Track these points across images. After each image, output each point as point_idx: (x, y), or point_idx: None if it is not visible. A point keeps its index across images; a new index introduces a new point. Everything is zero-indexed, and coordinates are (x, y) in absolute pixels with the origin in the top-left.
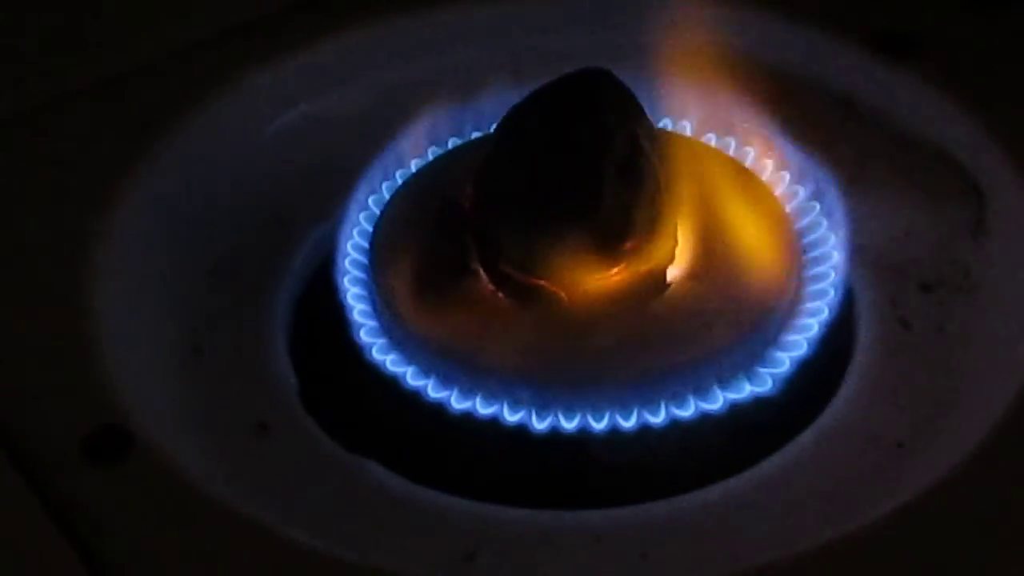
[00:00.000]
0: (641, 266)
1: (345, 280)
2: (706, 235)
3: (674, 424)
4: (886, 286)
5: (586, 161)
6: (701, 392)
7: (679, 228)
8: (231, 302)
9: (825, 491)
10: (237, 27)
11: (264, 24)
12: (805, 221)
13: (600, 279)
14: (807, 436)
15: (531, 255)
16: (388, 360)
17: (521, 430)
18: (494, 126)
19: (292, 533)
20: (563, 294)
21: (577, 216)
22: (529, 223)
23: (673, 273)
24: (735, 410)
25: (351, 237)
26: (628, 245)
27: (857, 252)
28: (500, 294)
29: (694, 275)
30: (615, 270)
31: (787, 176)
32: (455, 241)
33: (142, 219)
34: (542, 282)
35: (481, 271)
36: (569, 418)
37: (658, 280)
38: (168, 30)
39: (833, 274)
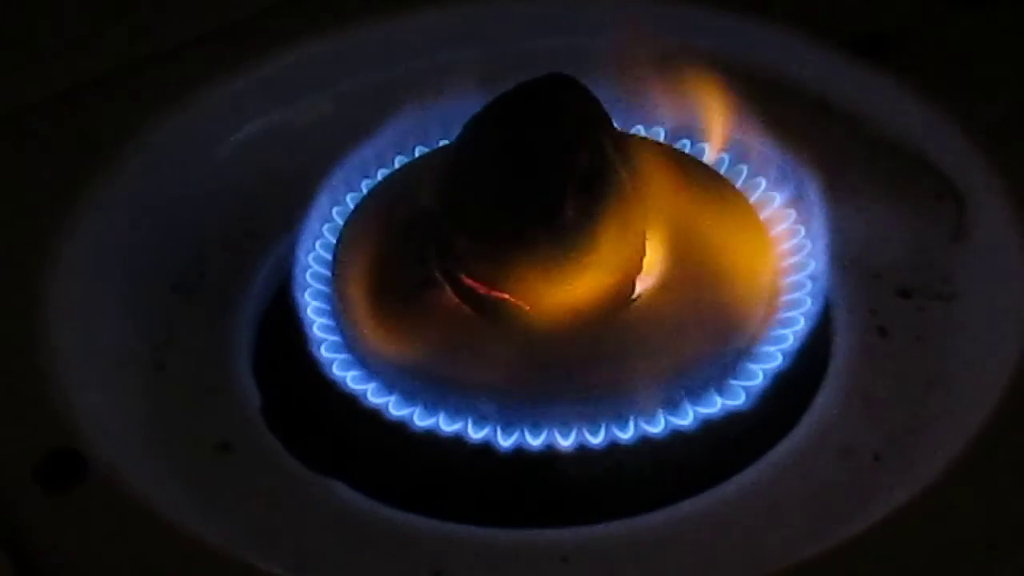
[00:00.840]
0: (607, 278)
1: (306, 294)
2: (678, 244)
3: (643, 440)
4: (864, 293)
5: (547, 170)
6: (671, 407)
7: (649, 237)
8: (194, 317)
9: (799, 506)
10: (200, 36)
11: (227, 33)
12: (781, 228)
13: (565, 291)
14: (780, 450)
15: (491, 268)
16: (349, 377)
17: (486, 448)
18: None
19: (255, 557)
20: (527, 307)
21: (538, 228)
22: (488, 235)
23: (643, 284)
24: (706, 425)
25: (312, 249)
26: (592, 257)
27: (834, 258)
28: (464, 307)
29: (665, 286)
30: (580, 282)
31: (763, 182)
32: (419, 253)
33: (101, 232)
34: (504, 295)
35: (445, 284)
36: (535, 435)
37: (626, 291)
38: (129, 39)
39: (810, 283)
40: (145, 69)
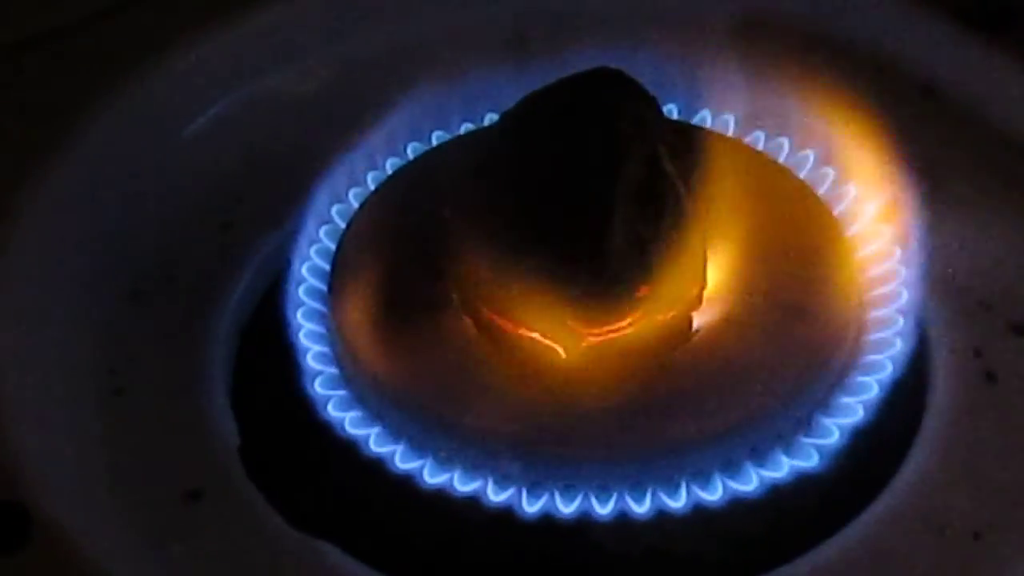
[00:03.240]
0: (658, 315)
1: (298, 314)
2: (744, 271)
3: (697, 509)
4: (969, 328)
5: (591, 188)
6: (731, 469)
7: (711, 264)
8: (159, 332)
9: None
10: None
11: None
12: (870, 248)
13: (607, 333)
14: (860, 524)
15: (519, 303)
16: (348, 418)
17: (508, 513)
18: (489, 117)
19: None
20: (560, 349)
21: (576, 256)
22: (511, 257)
23: (702, 317)
24: (772, 491)
25: (307, 257)
26: (642, 292)
27: (934, 284)
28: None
29: (727, 321)
30: (626, 322)
31: (853, 189)
32: (436, 266)
33: (46, 227)
34: (534, 335)
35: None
36: (567, 500)
37: (681, 330)
38: None
39: (901, 320)
40: (101, 25)
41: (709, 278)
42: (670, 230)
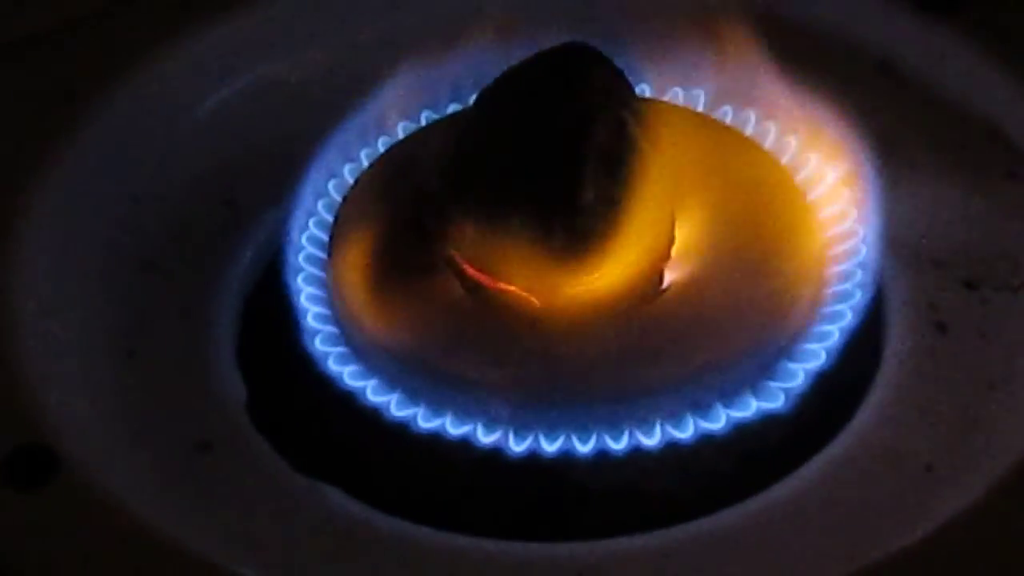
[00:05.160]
0: (629, 269)
1: (298, 279)
2: (712, 229)
3: (670, 446)
4: (923, 283)
5: (563, 150)
6: (701, 410)
7: (680, 222)
8: (169, 298)
9: (841, 521)
10: None
11: None
12: (831, 210)
13: (581, 284)
14: (821, 459)
15: (498, 258)
16: (346, 372)
17: (496, 453)
18: (474, 98)
19: (238, 567)
20: (536, 300)
21: (550, 212)
22: (492, 219)
23: (672, 274)
24: (740, 430)
25: (306, 228)
26: (612, 244)
27: (890, 243)
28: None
29: (696, 276)
30: (598, 273)
31: (813, 158)
32: (426, 234)
33: (64, 204)
34: (511, 288)
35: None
36: (551, 440)
37: (652, 282)
38: None
39: (859, 273)
40: (111, 16)
41: (680, 239)
42: (638, 188)
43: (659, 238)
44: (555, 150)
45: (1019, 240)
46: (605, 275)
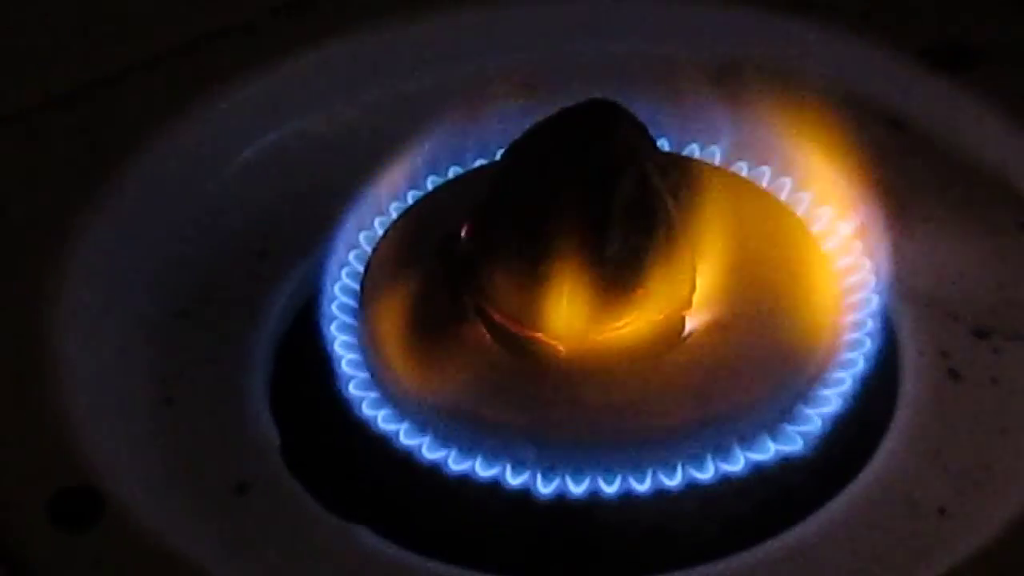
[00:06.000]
0: (652, 316)
1: (332, 327)
2: (732, 278)
3: (692, 487)
4: (935, 332)
5: (588, 201)
6: (722, 452)
7: (700, 272)
8: (205, 347)
9: (858, 562)
10: (210, 34)
11: (240, 32)
12: (845, 261)
13: (604, 332)
14: (839, 502)
15: (523, 305)
16: (379, 416)
17: (525, 494)
18: (499, 153)
19: None
20: (562, 348)
21: (577, 262)
22: (520, 269)
23: (694, 321)
24: (759, 472)
25: (338, 278)
26: (637, 294)
27: (904, 294)
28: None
29: (717, 323)
30: (623, 321)
31: (827, 210)
32: (454, 284)
33: (104, 254)
34: (537, 335)
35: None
36: (577, 481)
37: (674, 329)
38: (132, 40)
39: (871, 323)
40: (151, 72)
41: (701, 288)
42: (661, 239)
43: (681, 286)
44: (581, 202)
45: None
46: (629, 323)
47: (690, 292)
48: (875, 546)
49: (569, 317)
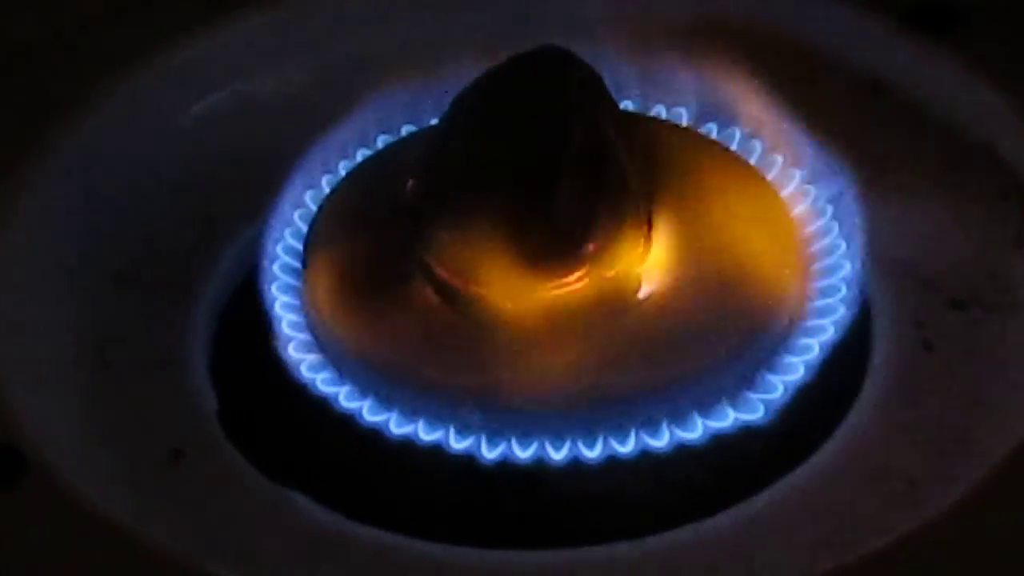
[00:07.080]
0: (603, 271)
1: (273, 287)
2: (693, 240)
3: (645, 455)
4: (911, 302)
5: (536, 151)
6: (678, 419)
7: (658, 231)
8: (144, 309)
9: (818, 535)
10: None
11: None
12: (815, 226)
13: (555, 288)
14: (802, 472)
15: (468, 260)
16: (319, 379)
17: (469, 459)
18: None
19: (208, 572)
20: (509, 305)
21: (523, 214)
22: (465, 222)
23: (651, 282)
24: (717, 441)
25: (282, 238)
26: (586, 248)
27: (880, 262)
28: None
29: (676, 285)
30: (573, 277)
31: (798, 174)
32: (400, 243)
33: (41, 212)
34: (484, 291)
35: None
36: (524, 446)
37: (629, 289)
38: None
39: (844, 289)
40: (97, 29)
41: (660, 249)
42: (613, 192)
43: (634, 241)
44: (531, 151)
45: (1007, 261)
46: (579, 279)
47: (643, 249)
48: (838, 519)
49: (515, 272)
